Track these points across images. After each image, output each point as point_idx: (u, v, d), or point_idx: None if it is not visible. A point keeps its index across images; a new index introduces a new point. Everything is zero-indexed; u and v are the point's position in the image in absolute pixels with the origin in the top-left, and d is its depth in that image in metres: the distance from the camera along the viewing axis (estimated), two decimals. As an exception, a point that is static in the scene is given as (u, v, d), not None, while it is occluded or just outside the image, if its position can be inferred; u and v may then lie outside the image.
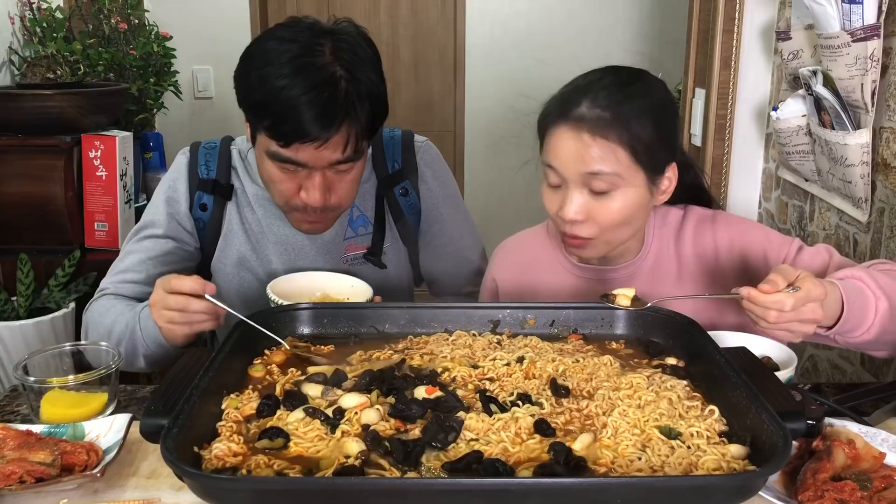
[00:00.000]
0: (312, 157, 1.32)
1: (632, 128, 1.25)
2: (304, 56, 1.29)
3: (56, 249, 2.18)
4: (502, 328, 1.29)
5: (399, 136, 1.60)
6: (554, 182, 1.30)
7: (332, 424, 0.98)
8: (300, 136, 1.28)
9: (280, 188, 1.39)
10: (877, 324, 1.19)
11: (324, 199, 1.38)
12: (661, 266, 1.42)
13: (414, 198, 1.58)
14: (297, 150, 1.31)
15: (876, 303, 1.19)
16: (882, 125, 1.80)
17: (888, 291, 1.20)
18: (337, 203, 1.42)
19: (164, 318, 1.27)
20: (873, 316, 1.19)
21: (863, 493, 0.92)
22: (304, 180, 1.37)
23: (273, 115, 1.29)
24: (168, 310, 1.26)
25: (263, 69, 1.30)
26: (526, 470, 0.90)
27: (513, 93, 3.87)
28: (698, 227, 1.43)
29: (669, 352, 1.21)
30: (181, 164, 1.55)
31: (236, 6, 3.80)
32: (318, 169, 1.34)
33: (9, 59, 2.53)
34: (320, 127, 1.28)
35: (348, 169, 1.38)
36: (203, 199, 1.52)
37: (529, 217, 1.57)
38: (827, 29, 1.78)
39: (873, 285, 1.20)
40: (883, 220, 1.82)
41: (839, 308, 1.16)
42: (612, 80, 1.29)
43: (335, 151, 1.32)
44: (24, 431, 1.07)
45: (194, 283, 1.24)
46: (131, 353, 1.38)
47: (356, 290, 1.44)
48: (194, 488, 0.86)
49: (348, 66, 1.30)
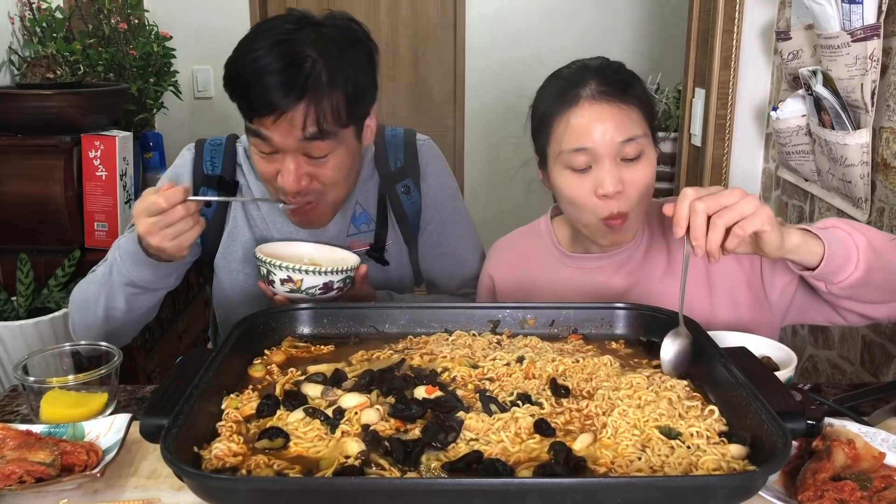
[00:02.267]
0: (279, 134, 1.33)
1: (637, 91, 1.33)
2: (283, 35, 1.32)
3: (56, 249, 2.18)
4: (502, 328, 1.29)
5: (401, 134, 1.61)
6: (581, 165, 1.31)
7: (332, 424, 0.98)
8: (261, 105, 1.30)
9: (262, 172, 1.41)
10: (862, 258, 1.18)
11: (297, 183, 1.37)
12: (651, 256, 1.44)
13: (416, 196, 1.59)
14: (262, 124, 1.33)
15: (854, 238, 1.19)
16: (882, 125, 1.80)
17: (862, 230, 1.21)
18: (320, 190, 1.41)
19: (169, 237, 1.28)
20: (856, 250, 1.18)
21: (863, 492, 0.92)
22: (280, 164, 1.38)
23: (242, 86, 1.32)
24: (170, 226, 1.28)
25: (242, 48, 1.33)
26: (526, 470, 0.90)
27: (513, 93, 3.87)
28: None
29: None
30: (186, 159, 1.56)
31: (236, 6, 3.80)
32: (289, 151, 1.35)
33: (9, 59, 2.53)
34: (281, 95, 1.29)
35: (322, 154, 1.37)
36: (207, 195, 1.53)
37: (529, 217, 1.57)
38: (827, 29, 1.78)
39: (846, 226, 1.22)
40: (883, 220, 1.82)
41: (821, 248, 1.16)
42: (598, 62, 1.36)
43: (294, 127, 1.32)
44: (23, 431, 1.07)
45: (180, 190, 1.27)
46: (109, 295, 1.41)
47: (346, 261, 1.45)
48: (194, 488, 0.86)
49: (325, 50, 1.32)
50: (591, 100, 1.30)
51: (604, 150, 1.29)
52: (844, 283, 1.20)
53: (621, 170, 1.30)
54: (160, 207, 1.26)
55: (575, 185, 1.33)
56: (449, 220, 1.63)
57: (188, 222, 1.29)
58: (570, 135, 1.30)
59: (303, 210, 1.45)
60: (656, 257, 1.44)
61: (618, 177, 1.29)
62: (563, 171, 1.33)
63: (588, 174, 1.31)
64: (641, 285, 1.42)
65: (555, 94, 1.34)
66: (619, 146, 1.29)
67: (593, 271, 1.45)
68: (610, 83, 1.31)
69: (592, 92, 1.30)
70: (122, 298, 1.41)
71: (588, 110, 1.30)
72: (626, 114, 1.30)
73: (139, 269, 1.37)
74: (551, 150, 1.35)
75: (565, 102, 1.31)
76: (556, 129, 1.33)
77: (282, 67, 1.29)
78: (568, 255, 1.47)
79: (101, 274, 1.44)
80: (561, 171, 1.34)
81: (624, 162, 1.30)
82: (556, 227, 1.51)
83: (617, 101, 1.30)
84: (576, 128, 1.30)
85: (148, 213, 1.27)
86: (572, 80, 1.33)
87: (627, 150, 1.30)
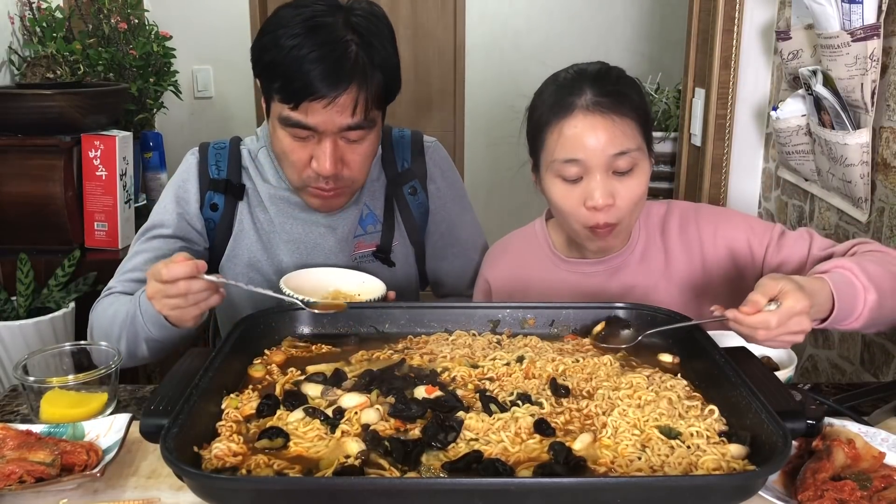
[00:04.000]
0: (322, 121, 1.32)
1: (634, 101, 1.30)
2: (316, 18, 1.31)
3: (56, 249, 2.18)
4: (502, 328, 1.29)
5: (408, 135, 1.61)
6: (572, 176, 1.29)
7: (332, 424, 0.98)
8: (309, 93, 1.29)
9: (292, 159, 1.39)
10: (865, 314, 1.19)
11: (335, 167, 1.37)
12: (648, 259, 1.43)
13: (422, 197, 1.59)
14: (306, 111, 1.31)
15: (865, 294, 1.19)
16: (882, 125, 1.80)
17: (876, 281, 1.21)
18: (350, 176, 1.41)
19: (168, 307, 1.24)
20: (862, 307, 1.19)
21: (862, 492, 0.92)
22: (315, 149, 1.37)
23: (283, 75, 1.30)
24: (169, 298, 1.23)
25: (276, 31, 1.32)
26: (526, 470, 0.90)
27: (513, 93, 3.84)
28: (682, 219, 1.45)
29: (664, 349, 1.21)
30: (191, 164, 1.55)
31: (236, 6, 3.80)
32: (328, 135, 1.34)
33: (8, 58, 2.53)
34: (328, 84, 1.28)
35: (359, 139, 1.37)
36: (214, 199, 1.52)
37: (529, 217, 1.57)
38: (827, 29, 1.78)
39: (863, 277, 1.20)
40: (883, 219, 1.82)
41: (830, 303, 1.17)
42: (596, 68, 1.34)
43: (343, 113, 1.31)
44: (23, 431, 1.07)
45: (186, 266, 1.20)
46: (133, 342, 1.37)
47: (367, 286, 1.45)
48: (194, 488, 0.86)
49: (361, 33, 1.32)
50: (585, 110, 1.27)
51: (595, 163, 1.27)
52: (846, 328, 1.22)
53: (613, 182, 1.29)
54: (161, 277, 1.20)
55: (565, 195, 1.32)
56: (456, 221, 1.63)
57: (190, 299, 1.22)
58: (562, 145, 1.29)
59: (329, 194, 1.44)
60: (653, 260, 1.43)
61: (608, 190, 1.28)
62: (553, 179, 1.32)
63: (578, 185, 1.30)
64: (638, 290, 1.42)
65: (550, 100, 1.32)
66: (611, 159, 1.27)
67: (589, 276, 1.44)
68: (606, 93, 1.28)
69: (587, 102, 1.28)
70: (145, 348, 1.38)
71: (581, 121, 1.27)
72: (620, 127, 1.27)
73: (159, 329, 1.33)
74: (544, 158, 1.33)
75: (560, 111, 1.29)
76: (549, 138, 1.31)
77: (326, 53, 1.28)
78: (563, 260, 1.47)
79: (122, 319, 1.38)
80: (552, 179, 1.33)
81: (616, 175, 1.29)
82: (551, 230, 1.51)
83: (612, 112, 1.27)
84: (568, 138, 1.28)
85: (155, 278, 1.22)
86: (568, 87, 1.31)
87: (619, 163, 1.28)
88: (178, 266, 1.20)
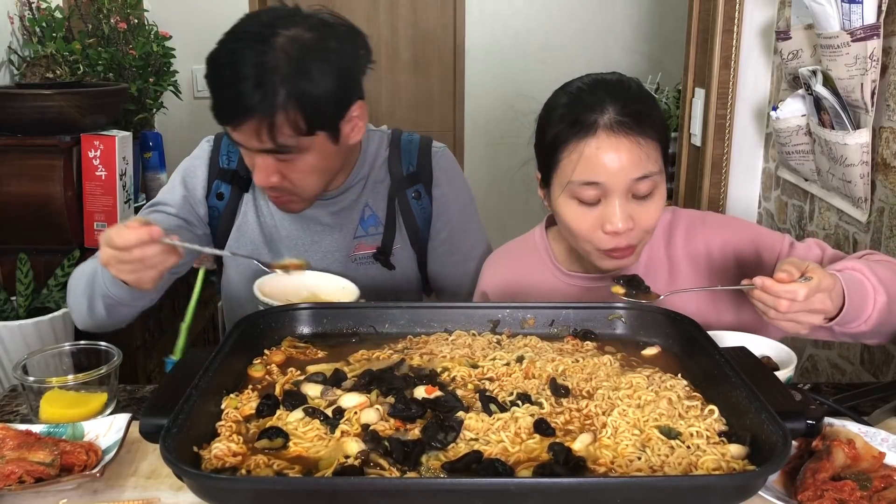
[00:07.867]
0: (241, 140, 1.35)
1: (656, 120, 1.25)
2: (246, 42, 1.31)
3: (56, 249, 2.18)
4: (502, 328, 1.29)
5: (417, 140, 1.61)
6: (590, 199, 1.24)
7: (332, 424, 0.98)
8: (222, 112, 1.33)
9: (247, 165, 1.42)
10: (874, 317, 1.19)
11: (266, 180, 1.38)
12: (652, 269, 1.40)
13: (426, 202, 1.59)
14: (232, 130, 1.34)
15: (875, 296, 1.19)
16: (882, 125, 1.80)
17: (887, 284, 1.20)
18: (291, 189, 1.41)
19: (125, 272, 1.22)
20: (871, 308, 1.19)
21: (862, 492, 0.92)
22: None
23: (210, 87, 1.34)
24: (124, 264, 1.21)
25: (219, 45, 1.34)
26: (525, 470, 0.90)
27: (513, 93, 3.87)
28: (689, 229, 1.42)
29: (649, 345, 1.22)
30: (204, 150, 1.58)
31: (236, 6, 3.79)
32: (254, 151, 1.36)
33: (8, 58, 2.52)
34: (225, 115, 1.32)
35: (290, 158, 1.36)
36: (221, 188, 1.54)
37: (529, 217, 1.57)
38: (827, 29, 1.78)
39: (873, 278, 1.20)
40: (883, 219, 1.82)
41: (841, 300, 1.16)
42: (615, 80, 1.27)
43: (251, 140, 1.33)
44: (23, 431, 1.07)
45: (139, 233, 1.17)
46: (91, 298, 1.40)
47: (347, 291, 1.44)
48: (194, 488, 0.86)
49: (277, 66, 1.28)
50: (608, 131, 1.20)
51: (615, 186, 1.22)
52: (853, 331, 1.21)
53: (632, 206, 1.24)
54: (114, 244, 1.19)
55: (580, 218, 1.26)
56: (461, 228, 1.63)
57: (146, 263, 1.20)
58: (582, 166, 1.22)
59: (279, 200, 1.46)
60: (657, 273, 1.40)
61: (628, 214, 1.23)
62: (568, 200, 1.26)
63: (596, 207, 1.24)
64: None
65: (567, 116, 1.24)
66: (633, 183, 1.22)
67: (591, 290, 1.41)
68: (630, 112, 1.21)
69: (611, 122, 1.20)
70: (102, 305, 1.41)
71: (605, 142, 1.20)
72: (645, 150, 1.21)
73: (114, 285, 1.34)
74: (558, 177, 1.27)
75: (580, 130, 1.22)
76: (565, 157, 1.24)
77: (237, 81, 1.28)
78: (565, 273, 1.43)
79: (88, 275, 1.42)
80: (567, 201, 1.27)
81: (635, 199, 1.24)
82: (552, 240, 1.47)
83: (636, 133, 1.21)
84: (590, 159, 1.21)
85: (107, 244, 1.20)
86: (588, 103, 1.23)
87: (640, 187, 1.22)
88: (130, 232, 1.18)
